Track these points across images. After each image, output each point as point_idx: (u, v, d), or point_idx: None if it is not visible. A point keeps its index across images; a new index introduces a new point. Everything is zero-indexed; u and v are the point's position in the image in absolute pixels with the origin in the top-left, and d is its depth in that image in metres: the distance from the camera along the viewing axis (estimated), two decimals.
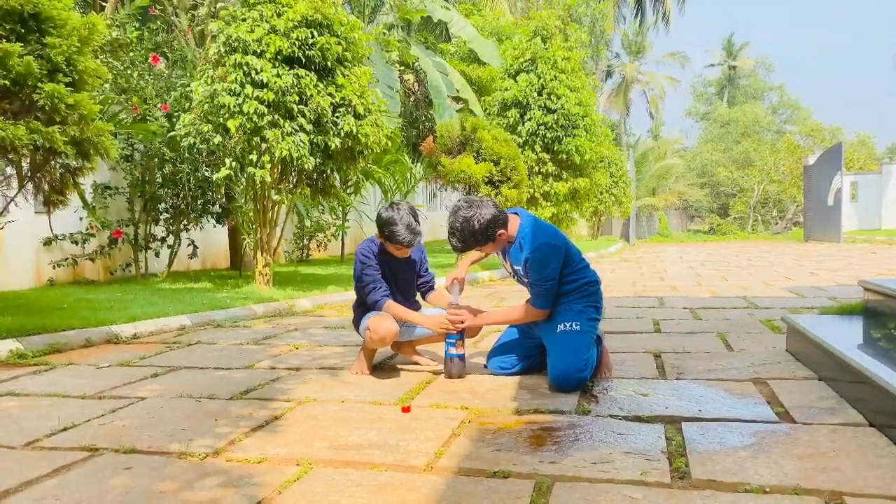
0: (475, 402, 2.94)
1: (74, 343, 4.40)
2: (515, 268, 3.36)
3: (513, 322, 3.51)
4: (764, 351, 3.91)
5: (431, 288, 3.80)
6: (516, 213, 3.37)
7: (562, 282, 3.28)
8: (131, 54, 7.85)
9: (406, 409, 2.81)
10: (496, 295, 7.36)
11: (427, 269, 3.81)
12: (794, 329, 3.75)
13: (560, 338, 3.21)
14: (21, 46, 4.12)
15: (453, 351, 3.39)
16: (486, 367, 3.56)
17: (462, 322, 3.38)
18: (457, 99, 12.81)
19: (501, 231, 3.23)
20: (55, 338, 4.35)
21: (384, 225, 3.44)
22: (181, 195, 8.00)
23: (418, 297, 3.86)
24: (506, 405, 2.88)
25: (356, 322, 3.69)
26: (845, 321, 3.83)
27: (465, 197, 3.32)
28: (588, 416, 2.70)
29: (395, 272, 3.62)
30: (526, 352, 3.47)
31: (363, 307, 3.64)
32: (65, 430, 2.64)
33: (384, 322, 3.39)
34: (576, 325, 3.23)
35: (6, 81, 4.03)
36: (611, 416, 2.70)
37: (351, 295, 6.69)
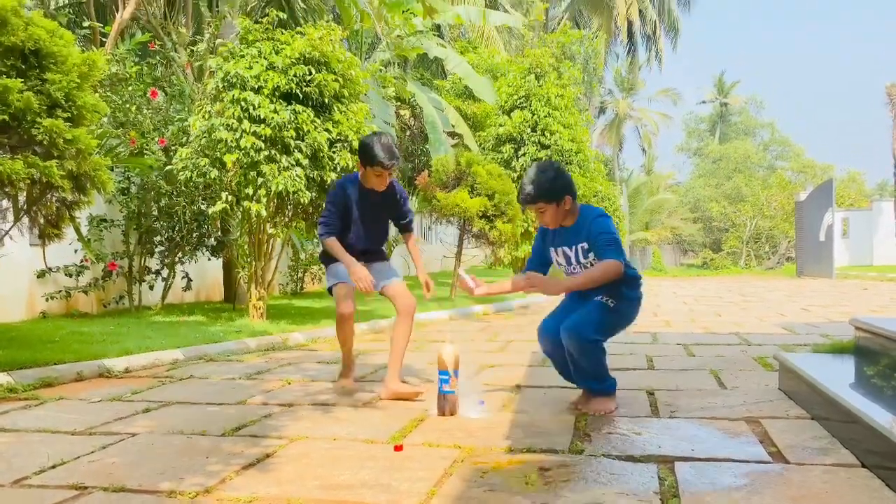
0: (468, 440, 2.94)
1: (66, 377, 4.37)
2: (567, 251, 3.44)
3: (592, 282, 3.31)
4: (757, 389, 3.91)
5: (409, 229, 4.09)
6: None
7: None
8: (130, 89, 7.92)
9: (398, 448, 2.80)
10: (490, 329, 7.35)
11: (408, 208, 4.05)
12: (786, 367, 3.76)
13: (593, 304, 3.33)
14: (21, 82, 4.16)
15: (446, 388, 3.39)
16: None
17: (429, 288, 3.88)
18: (452, 134, 12.94)
19: (569, 197, 3.35)
20: (46, 371, 4.32)
21: (363, 148, 3.66)
22: (177, 228, 8.01)
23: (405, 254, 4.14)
24: (499, 444, 2.87)
25: (323, 260, 3.97)
26: (837, 360, 3.85)
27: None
28: (581, 456, 2.69)
29: (362, 213, 3.80)
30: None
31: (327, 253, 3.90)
32: (54, 467, 2.62)
33: (342, 304, 3.77)
34: (612, 301, 3.34)
35: (5, 116, 4.06)
36: (604, 455, 2.69)
37: None
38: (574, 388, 3.92)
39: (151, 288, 8.40)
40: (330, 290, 3.93)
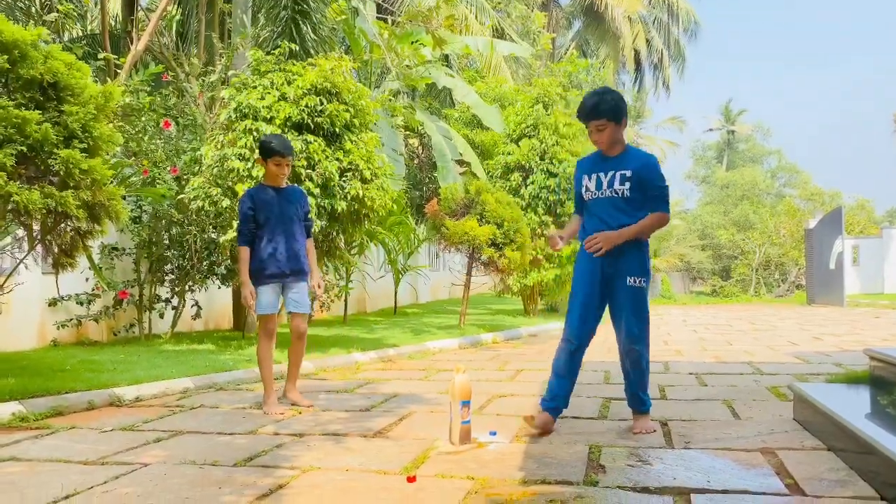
0: (481, 471, 2.92)
1: (77, 406, 4.37)
2: (601, 177, 3.59)
3: (644, 231, 3.60)
4: (771, 419, 3.88)
5: (309, 234, 4.53)
6: None
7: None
8: (143, 119, 8.03)
9: (411, 479, 2.78)
10: (499, 358, 7.31)
11: (308, 210, 4.51)
12: (801, 398, 3.73)
13: (632, 294, 3.58)
14: (39, 114, 4.24)
15: (458, 418, 3.37)
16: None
17: None
18: (460, 162, 13.01)
19: (625, 120, 3.58)
20: (57, 400, 4.33)
21: (262, 145, 4.25)
22: (187, 256, 8.06)
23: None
24: (512, 475, 2.85)
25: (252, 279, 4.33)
26: (852, 390, 3.82)
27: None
28: (596, 487, 2.67)
29: (273, 212, 4.26)
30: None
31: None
32: (67, 497, 2.62)
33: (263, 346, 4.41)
34: (643, 281, 3.60)
35: (23, 148, 4.13)
36: (619, 486, 2.67)
37: (353, 357, 6.70)
38: (589, 419, 3.91)
39: (161, 316, 8.42)
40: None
